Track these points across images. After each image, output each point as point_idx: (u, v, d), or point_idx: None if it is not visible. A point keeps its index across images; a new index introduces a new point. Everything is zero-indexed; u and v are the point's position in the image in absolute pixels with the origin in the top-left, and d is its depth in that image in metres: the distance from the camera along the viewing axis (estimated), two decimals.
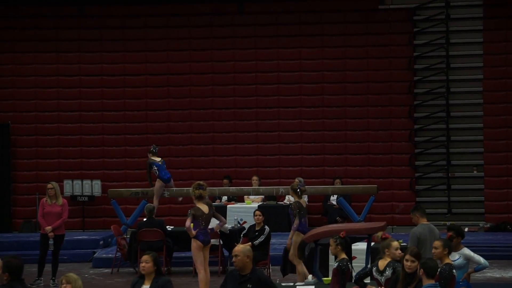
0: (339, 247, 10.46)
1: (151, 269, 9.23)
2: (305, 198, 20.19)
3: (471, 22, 21.67)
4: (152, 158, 17.55)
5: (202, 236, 13.49)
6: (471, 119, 21.50)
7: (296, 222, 14.03)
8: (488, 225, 20.60)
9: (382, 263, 9.97)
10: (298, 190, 14.39)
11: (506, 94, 21.31)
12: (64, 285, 9.27)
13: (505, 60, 21.37)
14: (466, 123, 21.52)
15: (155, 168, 17.45)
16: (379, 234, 10.65)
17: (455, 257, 10.78)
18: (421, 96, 21.68)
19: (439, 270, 9.81)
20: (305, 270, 13.72)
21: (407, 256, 9.66)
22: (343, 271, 10.29)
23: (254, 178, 20.36)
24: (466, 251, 10.96)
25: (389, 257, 10.00)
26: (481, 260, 11.02)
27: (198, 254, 13.49)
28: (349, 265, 10.29)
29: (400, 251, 9.94)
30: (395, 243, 10.00)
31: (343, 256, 10.43)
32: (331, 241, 10.59)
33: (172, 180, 17.74)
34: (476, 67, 21.57)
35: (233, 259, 9.13)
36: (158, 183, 17.55)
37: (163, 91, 22.18)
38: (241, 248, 9.20)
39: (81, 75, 22.30)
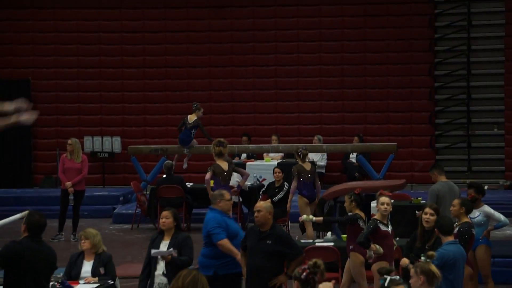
0: (353, 203, 10.53)
1: (171, 225, 9.29)
2: (323, 157, 20.31)
3: (493, 3, 21.42)
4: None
5: None
6: (492, 77, 21.35)
7: (293, 185, 14.29)
8: (508, 183, 20.55)
9: (382, 217, 10.02)
10: (300, 153, 14.53)
11: None
12: (83, 241, 9.36)
13: None
14: (487, 80, 21.37)
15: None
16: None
17: (475, 215, 10.79)
18: (442, 54, 21.51)
19: (458, 228, 9.83)
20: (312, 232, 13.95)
21: (427, 209, 9.71)
22: (352, 223, 10.37)
23: (274, 137, 20.32)
24: (486, 208, 10.96)
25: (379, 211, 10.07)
26: (501, 217, 11.03)
27: None
28: (359, 220, 10.34)
29: (385, 206, 9.96)
30: (382, 198, 10.05)
31: (357, 211, 10.49)
32: (346, 197, 10.67)
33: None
34: (497, 49, 21.32)
35: (255, 214, 9.15)
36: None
37: (182, 48, 22.13)
38: (263, 204, 9.22)
39: (100, 32, 22.27)
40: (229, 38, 22.07)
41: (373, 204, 13.83)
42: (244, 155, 20.34)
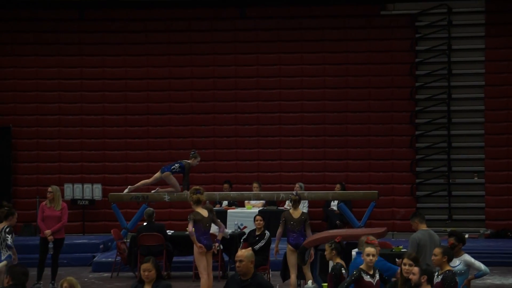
0: (334, 251, 10.49)
1: (154, 276, 9.21)
2: (304, 204, 20.23)
3: (473, 28, 21.67)
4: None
5: (204, 240, 13.47)
6: (472, 126, 21.49)
7: (278, 230, 14.31)
8: (489, 232, 20.58)
9: (367, 267, 9.97)
10: (290, 199, 14.56)
11: (508, 100, 21.30)
12: None
13: (507, 66, 21.37)
14: (467, 129, 21.51)
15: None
16: (363, 238, 10.70)
17: (456, 263, 10.76)
18: (423, 102, 21.67)
19: (442, 276, 9.81)
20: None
21: (405, 260, 9.67)
22: (336, 276, 10.31)
23: (255, 185, 20.31)
24: (467, 257, 10.94)
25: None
26: (482, 266, 11.01)
27: (201, 258, 13.46)
28: (342, 270, 10.29)
29: (371, 258, 9.94)
30: (367, 249, 10.02)
31: (338, 260, 10.44)
32: (326, 246, 10.63)
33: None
34: (477, 73, 21.56)
35: (237, 263, 9.09)
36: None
37: (164, 95, 22.18)
38: (245, 253, 9.16)
39: (82, 79, 22.30)
40: (211, 85, 22.15)
41: (354, 252, 13.83)
42: (225, 203, 20.30)
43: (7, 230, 13.00)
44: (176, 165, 16.73)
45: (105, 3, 22.14)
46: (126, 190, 17.07)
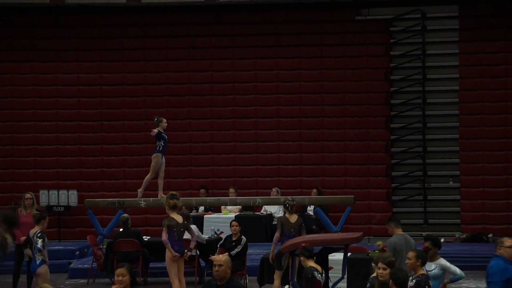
0: (302, 257, 10.51)
1: (128, 282, 9.19)
2: (280, 209, 20.18)
3: (447, 33, 21.81)
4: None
5: (176, 246, 13.46)
6: (447, 130, 21.61)
7: (275, 235, 14.21)
8: (464, 236, 20.68)
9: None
10: (287, 204, 14.46)
11: (482, 105, 21.44)
12: None
13: (481, 71, 21.51)
14: (442, 133, 21.63)
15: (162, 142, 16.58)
16: (381, 244, 10.62)
17: (432, 267, 10.81)
18: (398, 107, 21.77)
19: (415, 280, 9.84)
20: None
21: (379, 264, 9.68)
22: (309, 279, 10.33)
23: (231, 190, 20.30)
24: (443, 261, 10.99)
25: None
26: (457, 270, 11.06)
27: (172, 264, 13.46)
28: (315, 273, 10.30)
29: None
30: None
31: (311, 264, 10.45)
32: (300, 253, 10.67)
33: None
34: (452, 78, 21.70)
35: (216, 268, 9.10)
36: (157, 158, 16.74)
37: (140, 101, 22.14)
38: (223, 258, 9.18)
39: (57, 85, 22.22)
40: (187, 90, 22.15)
41: (331, 256, 13.86)
42: (201, 208, 20.28)
43: (39, 234, 13.11)
44: (157, 144, 16.60)
45: (81, 9, 22.08)
46: (139, 195, 16.84)
